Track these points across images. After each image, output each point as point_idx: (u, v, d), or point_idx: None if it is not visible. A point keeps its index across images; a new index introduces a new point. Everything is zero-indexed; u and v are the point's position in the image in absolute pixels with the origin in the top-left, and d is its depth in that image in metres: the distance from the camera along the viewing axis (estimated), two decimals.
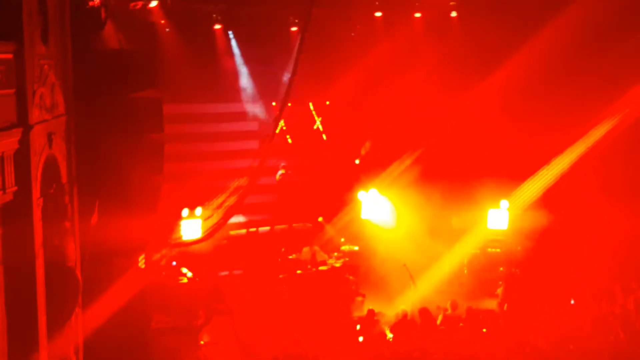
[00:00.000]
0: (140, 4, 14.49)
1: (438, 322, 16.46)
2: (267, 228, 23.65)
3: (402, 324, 16.34)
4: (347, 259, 21.74)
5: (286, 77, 20.48)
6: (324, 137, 25.91)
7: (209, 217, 18.81)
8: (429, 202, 21.32)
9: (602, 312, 16.21)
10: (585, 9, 19.54)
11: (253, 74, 24.14)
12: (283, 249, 21.64)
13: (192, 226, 18.77)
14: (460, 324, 15.97)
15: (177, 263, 19.72)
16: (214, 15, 22.20)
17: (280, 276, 20.71)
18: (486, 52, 22.04)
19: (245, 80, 24.29)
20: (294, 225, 24.11)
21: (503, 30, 21.64)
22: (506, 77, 20.99)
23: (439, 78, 23.13)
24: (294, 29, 23.19)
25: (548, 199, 21.63)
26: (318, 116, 25.70)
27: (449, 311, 16.80)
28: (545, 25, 20.49)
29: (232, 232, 22.71)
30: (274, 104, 23.97)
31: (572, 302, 16.96)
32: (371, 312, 17.13)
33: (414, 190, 21.43)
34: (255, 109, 24.96)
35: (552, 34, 20.42)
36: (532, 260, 20.85)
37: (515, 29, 21.18)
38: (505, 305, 17.21)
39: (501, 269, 21.12)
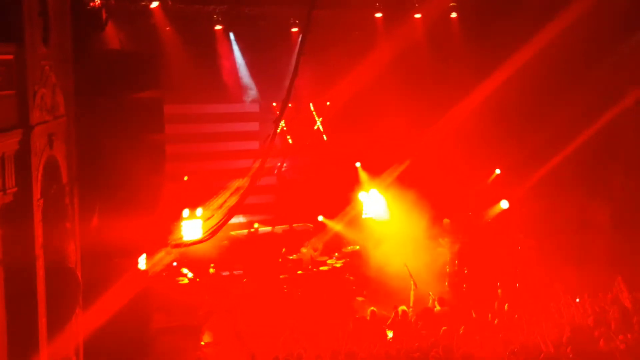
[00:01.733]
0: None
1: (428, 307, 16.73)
2: (268, 228, 23.69)
3: (402, 323, 16.35)
4: (347, 259, 21.77)
5: (287, 77, 20.52)
6: (325, 137, 25.93)
7: (209, 218, 18.81)
8: (429, 202, 21.34)
9: (603, 311, 16.20)
10: (586, 13, 19.61)
11: (254, 74, 24.15)
12: (284, 250, 21.68)
13: (192, 227, 18.78)
14: (462, 326, 15.95)
15: (177, 263, 19.76)
16: (215, 16, 22.19)
17: (281, 276, 20.76)
18: (486, 51, 22.05)
19: (246, 80, 24.30)
20: (294, 225, 24.14)
21: (503, 31, 21.64)
22: (506, 78, 21.03)
23: (438, 78, 23.16)
24: (294, 29, 23.20)
25: (548, 198, 21.66)
26: (318, 117, 25.71)
27: (437, 308, 16.88)
28: (546, 27, 20.51)
29: (233, 233, 22.76)
30: (274, 104, 24.00)
31: (578, 300, 16.97)
32: (372, 313, 17.13)
33: (415, 190, 21.44)
34: (256, 109, 25.01)
35: (553, 36, 20.44)
36: (533, 258, 20.88)
37: (516, 30, 21.18)
38: (506, 305, 17.19)
39: (501, 268, 21.13)
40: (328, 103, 25.24)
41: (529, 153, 21.64)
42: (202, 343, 17.65)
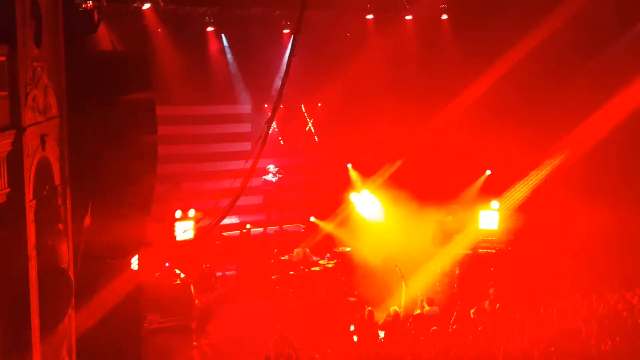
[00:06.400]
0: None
1: (416, 312, 16.78)
2: (259, 229, 23.73)
3: (394, 324, 16.43)
4: (339, 259, 21.82)
5: (278, 79, 20.57)
6: (316, 138, 25.99)
7: (201, 219, 18.85)
8: (420, 203, 21.41)
9: (594, 312, 16.30)
10: (578, 12, 19.75)
11: (245, 76, 24.18)
12: (275, 250, 21.71)
13: (185, 227, 18.81)
14: (454, 327, 16.04)
15: (170, 264, 19.78)
16: (207, 18, 22.24)
17: (273, 277, 20.79)
18: (476, 53, 22.16)
19: (237, 82, 24.32)
20: (284, 226, 24.20)
21: (493, 32, 21.76)
22: (497, 78, 21.14)
23: (429, 79, 23.27)
24: (286, 31, 23.26)
25: (538, 200, 21.76)
26: (310, 118, 25.78)
27: (427, 308, 16.98)
28: (537, 26, 20.63)
29: (225, 234, 22.79)
30: (266, 105, 24.04)
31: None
32: (363, 313, 17.20)
33: (406, 191, 21.51)
34: (247, 111, 25.04)
35: (543, 35, 20.56)
36: (523, 260, 20.96)
37: (506, 31, 21.29)
38: (497, 305, 17.29)
39: (492, 269, 21.23)
40: (319, 104, 25.34)
41: (522, 153, 21.75)
42: (195, 343, 17.68)
